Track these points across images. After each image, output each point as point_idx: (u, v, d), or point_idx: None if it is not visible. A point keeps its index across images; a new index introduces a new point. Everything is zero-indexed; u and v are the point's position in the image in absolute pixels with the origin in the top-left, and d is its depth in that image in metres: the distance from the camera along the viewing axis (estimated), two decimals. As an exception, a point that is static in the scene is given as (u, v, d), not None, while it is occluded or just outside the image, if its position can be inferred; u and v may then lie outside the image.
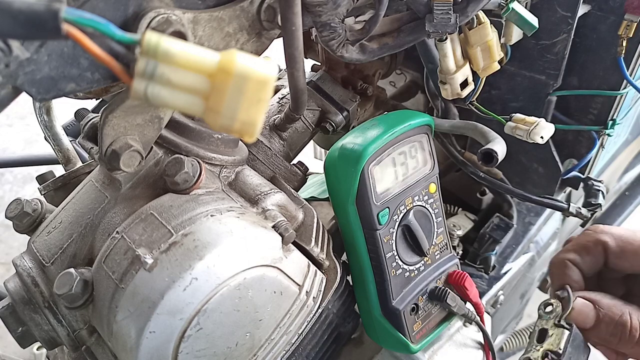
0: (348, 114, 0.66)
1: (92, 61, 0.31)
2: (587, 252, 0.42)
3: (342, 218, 0.50)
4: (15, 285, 0.42)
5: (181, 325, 0.36)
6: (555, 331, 0.41)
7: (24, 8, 0.22)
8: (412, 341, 0.52)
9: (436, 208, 0.54)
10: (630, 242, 0.40)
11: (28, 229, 0.47)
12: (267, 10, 0.38)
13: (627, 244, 0.40)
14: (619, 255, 0.41)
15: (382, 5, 0.42)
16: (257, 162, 0.55)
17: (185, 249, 0.36)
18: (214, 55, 0.25)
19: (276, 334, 0.43)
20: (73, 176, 0.56)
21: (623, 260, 0.41)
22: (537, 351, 0.42)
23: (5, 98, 0.28)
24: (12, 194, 2.02)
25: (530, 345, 0.42)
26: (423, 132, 0.52)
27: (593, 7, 0.61)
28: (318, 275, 0.46)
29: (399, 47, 0.47)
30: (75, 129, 0.81)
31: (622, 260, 0.41)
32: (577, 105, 0.69)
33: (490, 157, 0.54)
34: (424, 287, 0.53)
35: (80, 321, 0.41)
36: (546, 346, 0.41)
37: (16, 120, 2.39)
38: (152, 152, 0.42)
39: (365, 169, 0.46)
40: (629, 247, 0.40)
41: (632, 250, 0.40)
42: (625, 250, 0.40)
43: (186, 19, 0.34)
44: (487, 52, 0.56)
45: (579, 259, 0.42)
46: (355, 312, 0.55)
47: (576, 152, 0.72)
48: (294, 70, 0.42)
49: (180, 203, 0.40)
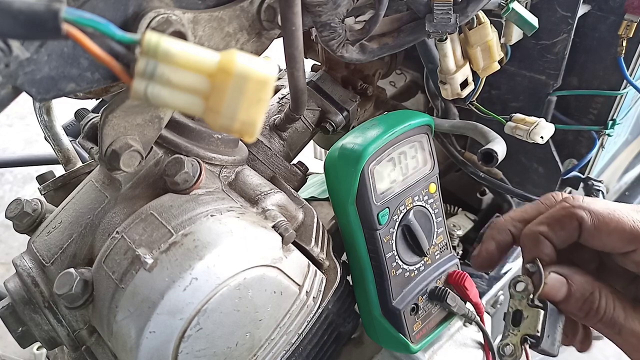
0: (348, 114, 0.66)
1: (92, 61, 0.31)
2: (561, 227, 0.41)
3: (342, 218, 0.50)
4: (15, 285, 0.42)
5: (181, 325, 0.36)
6: (530, 312, 0.41)
7: (24, 8, 0.22)
8: (412, 341, 0.52)
9: (436, 208, 0.54)
10: (607, 223, 0.39)
11: (28, 229, 0.47)
12: (267, 10, 0.38)
13: (602, 224, 0.39)
14: (593, 234, 0.40)
15: (382, 5, 0.42)
16: (257, 162, 0.55)
17: (185, 249, 0.36)
18: (214, 55, 0.25)
19: (276, 334, 0.43)
20: (73, 176, 0.56)
21: (596, 240, 0.40)
22: (515, 336, 0.41)
23: (5, 98, 0.28)
24: (12, 194, 2.03)
25: (507, 329, 0.42)
26: (423, 132, 0.52)
27: (593, 7, 0.61)
28: (318, 275, 0.46)
29: (399, 47, 0.47)
30: (75, 129, 0.81)
31: (595, 239, 0.40)
32: (577, 105, 0.69)
33: (490, 157, 0.54)
34: (424, 287, 0.53)
35: (80, 321, 0.41)
36: (523, 330, 0.41)
37: (16, 120, 2.39)
38: (152, 152, 0.42)
39: (365, 169, 0.46)
40: (604, 227, 0.39)
41: (606, 231, 0.39)
42: (600, 230, 0.39)
43: (186, 19, 0.34)
44: (487, 52, 0.56)
45: (551, 233, 0.41)
46: (355, 312, 0.55)
47: (576, 152, 0.72)
48: (294, 70, 0.42)
49: (180, 203, 0.40)
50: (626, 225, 0.38)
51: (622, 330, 0.38)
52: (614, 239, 0.39)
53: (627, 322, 0.38)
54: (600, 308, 0.39)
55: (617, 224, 0.39)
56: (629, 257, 0.40)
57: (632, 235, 0.38)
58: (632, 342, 0.38)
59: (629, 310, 0.39)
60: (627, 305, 0.39)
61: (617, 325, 0.38)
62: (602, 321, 0.39)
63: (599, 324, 0.39)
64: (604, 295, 0.39)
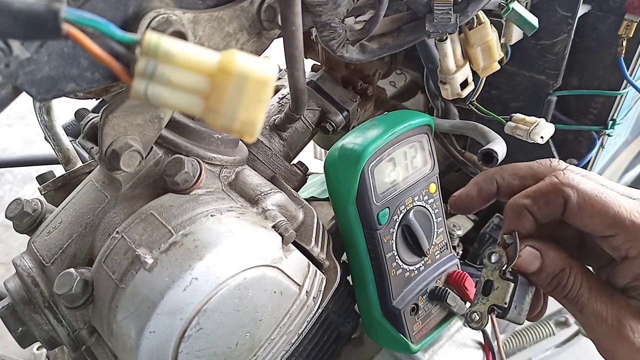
0: (348, 114, 0.66)
1: (92, 61, 0.31)
2: (546, 202, 0.40)
3: (342, 218, 0.50)
4: (15, 285, 0.42)
5: (181, 325, 0.36)
6: (501, 284, 0.41)
7: (24, 8, 0.22)
8: (412, 341, 0.52)
9: (436, 208, 0.54)
10: (592, 204, 0.39)
11: (28, 229, 0.47)
12: (267, 10, 0.38)
13: (587, 205, 0.39)
14: (576, 213, 0.39)
15: (382, 5, 0.42)
16: (257, 162, 0.55)
17: (186, 249, 0.36)
18: (214, 55, 0.25)
19: (276, 334, 0.43)
20: (73, 176, 0.56)
21: (578, 220, 0.40)
22: (484, 305, 0.42)
23: (5, 98, 0.28)
24: (12, 194, 2.03)
25: (477, 297, 0.43)
26: (423, 132, 0.52)
27: (593, 7, 0.61)
28: (318, 275, 0.46)
29: (399, 47, 0.47)
30: (75, 129, 0.81)
31: (577, 219, 0.40)
32: (577, 105, 0.69)
33: (490, 157, 0.54)
34: (424, 287, 0.53)
35: (80, 321, 0.41)
36: (492, 300, 0.42)
37: (16, 120, 2.39)
38: (152, 152, 0.42)
39: (365, 169, 0.46)
40: (589, 209, 0.39)
41: (590, 213, 0.39)
42: (584, 211, 0.39)
43: (186, 19, 0.34)
44: (487, 52, 0.56)
45: (535, 208, 0.41)
46: (355, 312, 0.55)
47: (576, 152, 0.72)
48: (294, 70, 0.42)
49: (180, 203, 0.40)
50: (610, 210, 0.38)
51: (583, 309, 0.39)
52: (595, 221, 0.39)
53: (589, 301, 0.39)
54: (567, 285, 0.40)
55: (602, 207, 0.38)
56: (607, 241, 0.40)
57: (614, 221, 0.38)
58: (591, 320, 0.39)
59: (595, 290, 0.39)
60: (593, 285, 0.40)
61: (579, 303, 0.39)
62: (566, 297, 0.40)
63: (563, 299, 0.40)
64: (573, 274, 0.40)
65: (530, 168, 0.44)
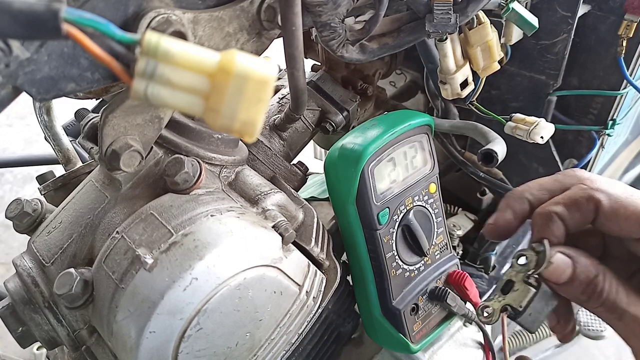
0: (348, 114, 0.66)
1: (92, 61, 0.31)
2: (577, 208, 0.39)
3: (342, 218, 0.50)
4: (15, 285, 0.42)
5: (181, 325, 0.36)
6: (521, 287, 0.40)
7: (24, 8, 0.22)
8: (412, 341, 0.52)
9: (436, 208, 0.54)
10: (625, 206, 0.38)
11: (28, 229, 0.47)
12: (267, 10, 0.38)
13: (620, 207, 0.38)
14: (610, 217, 0.38)
15: (382, 5, 0.42)
16: (257, 162, 0.55)
17: (186, 249, 0.36)
18: (214, 55, 0.25)
19: (276, 334, 0.43)
20: (73, 176, 0.56)
21: (613, 224, 0.39)
22: (498, 302, 0.41)
23: (5, 98, 0.28)
24: (12, 194, 2.03)
25: (494, 293, 0.41)
26: (423, 132, 0.52)
27: (593, 7, 0.61)
28: (318, 275, 0.46)
29: (399, 47, 0.47)
30: (75, 129, 0.81)
31: (612, 223, 0.39)
32: (577, 105, 0.69)
33: (490, 157, 0.54)
34: (424, 287, 0.53)
35: (80, 321, 0.41)
36: (508, 300, 0.40)
37: (16, 120, 2.39)
38: (152, 152, 0.42)
39: (365, 169, 0.46)
40: (622, 211, 0.38)
41: (624, 215, 0.38)
42: (618, 214, 0.38)
43: (186, 19, 0.34)
44: (487, 52, 0.56)
45: (566, 214, 0.40)
46: (355, 312, 0.55)
47: (576, 152, 0.72)
48: (294, 70, 0.42)
49: (180, 203, 0.40)
50: None
51: (623, 316, 0.38)
52: (631, 223, 0.38)
53: (629, 307, 0.37)
54: (604, 292, 0.38)
55: (636, 208, 0.38)
56: None
57: None
58: (633, 327, 0.37)
59: (632, 296, 0.38)
60: (630, 290, 0.38)
61: (618, 310, 0.38)
62: (604, 305, 0.38)
63: (600, 308, 0.39)
64: (608, 279, 0.38)
65: (556, 180, 0.43)
